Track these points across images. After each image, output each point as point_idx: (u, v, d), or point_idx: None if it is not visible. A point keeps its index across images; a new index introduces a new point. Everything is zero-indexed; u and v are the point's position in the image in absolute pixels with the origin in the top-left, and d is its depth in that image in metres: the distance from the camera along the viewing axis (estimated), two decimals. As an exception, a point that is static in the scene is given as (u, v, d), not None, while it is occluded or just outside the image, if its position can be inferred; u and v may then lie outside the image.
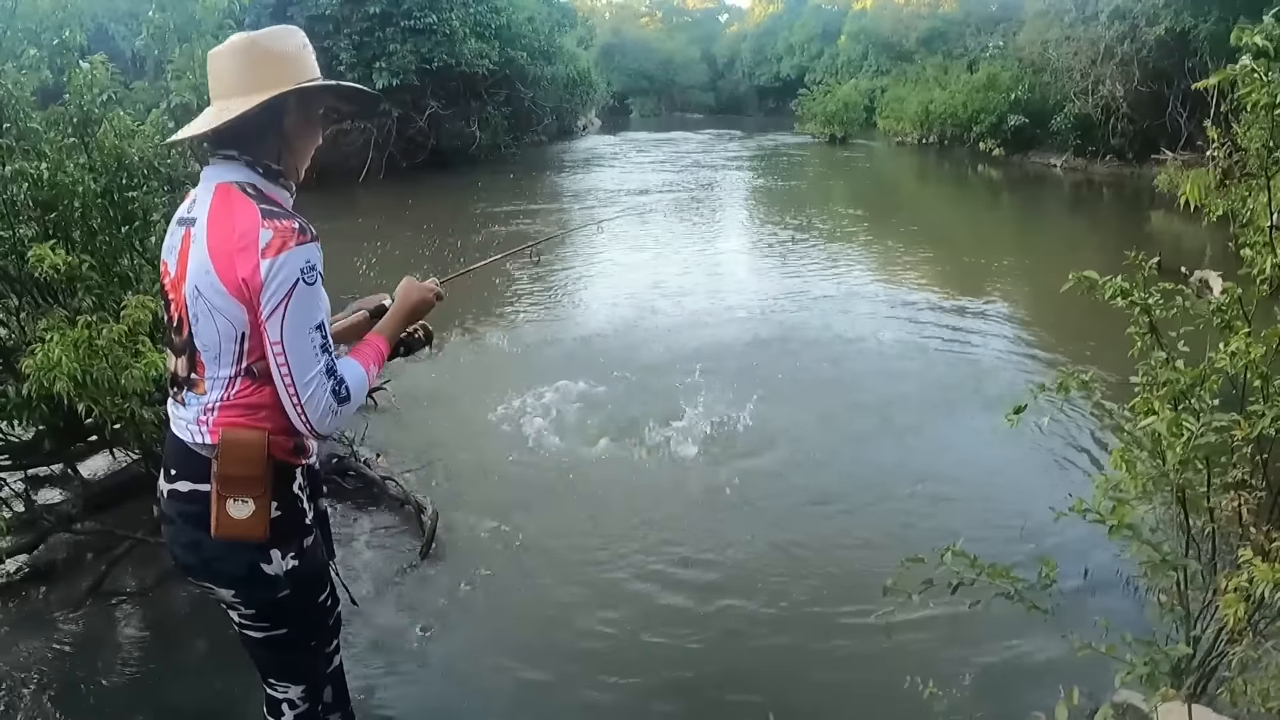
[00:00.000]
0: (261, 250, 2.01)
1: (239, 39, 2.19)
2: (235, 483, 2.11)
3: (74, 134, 4.48)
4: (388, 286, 2.60)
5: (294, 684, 2.51)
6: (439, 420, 6.84)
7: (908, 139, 28.09)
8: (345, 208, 18.80)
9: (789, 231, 14.63)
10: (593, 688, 3.77)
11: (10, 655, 4.20)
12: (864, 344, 8.59)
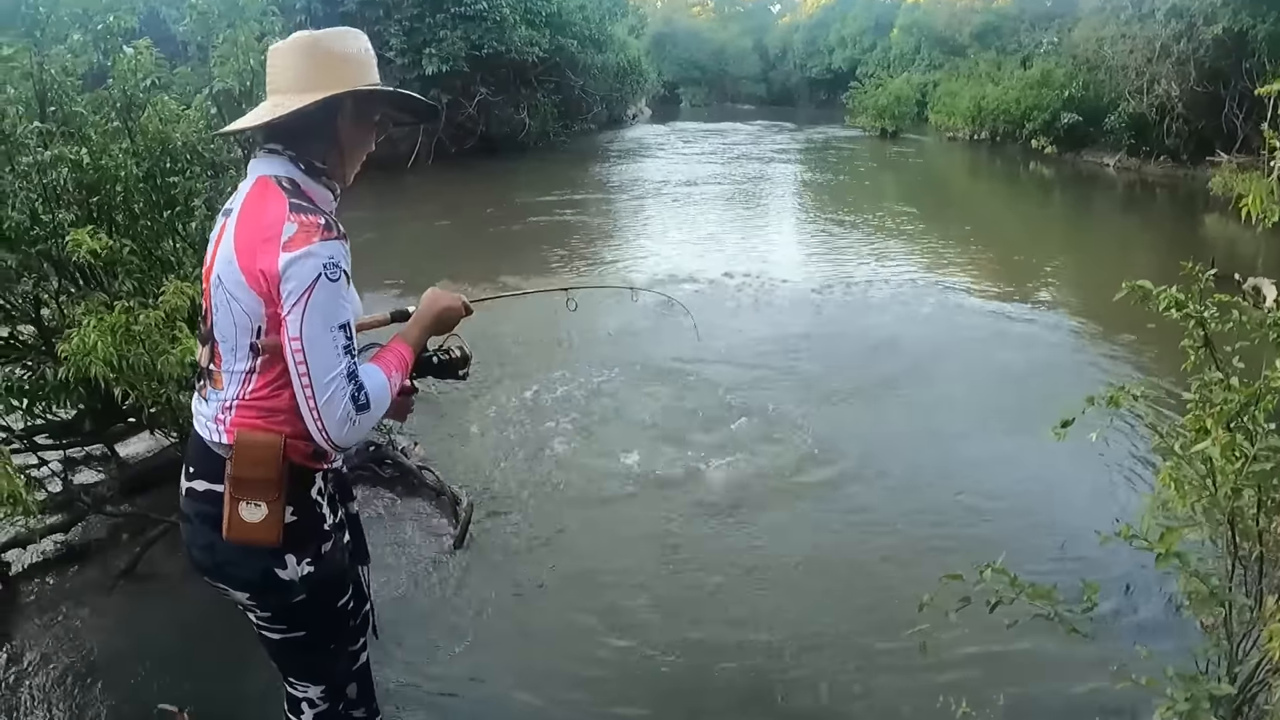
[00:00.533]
0: (284, 244, 1.96)
1: (302, 37, 2.17)
2: (248, 485, 2.07)
3: (117, 118, 4.49)
4: (424, 275, 2.55)
5: (313, 684, 2.50)
6: (479, 409, 6.81)
7: (959, 135, 27.72)
8: (393, 194, 18.86)
9: (837, 227, 14.51)
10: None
11: (42, 634, 4.28)
12: (910, 344, 8.43)
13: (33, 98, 4.16)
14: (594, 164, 22.51)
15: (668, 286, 10.61)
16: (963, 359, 8.03)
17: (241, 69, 4.54)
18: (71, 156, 3.94)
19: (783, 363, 7.77)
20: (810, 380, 7.34)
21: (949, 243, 13.30)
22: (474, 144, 23.63)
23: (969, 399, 7.00)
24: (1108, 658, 2.54)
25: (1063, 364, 7.93)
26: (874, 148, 25.87)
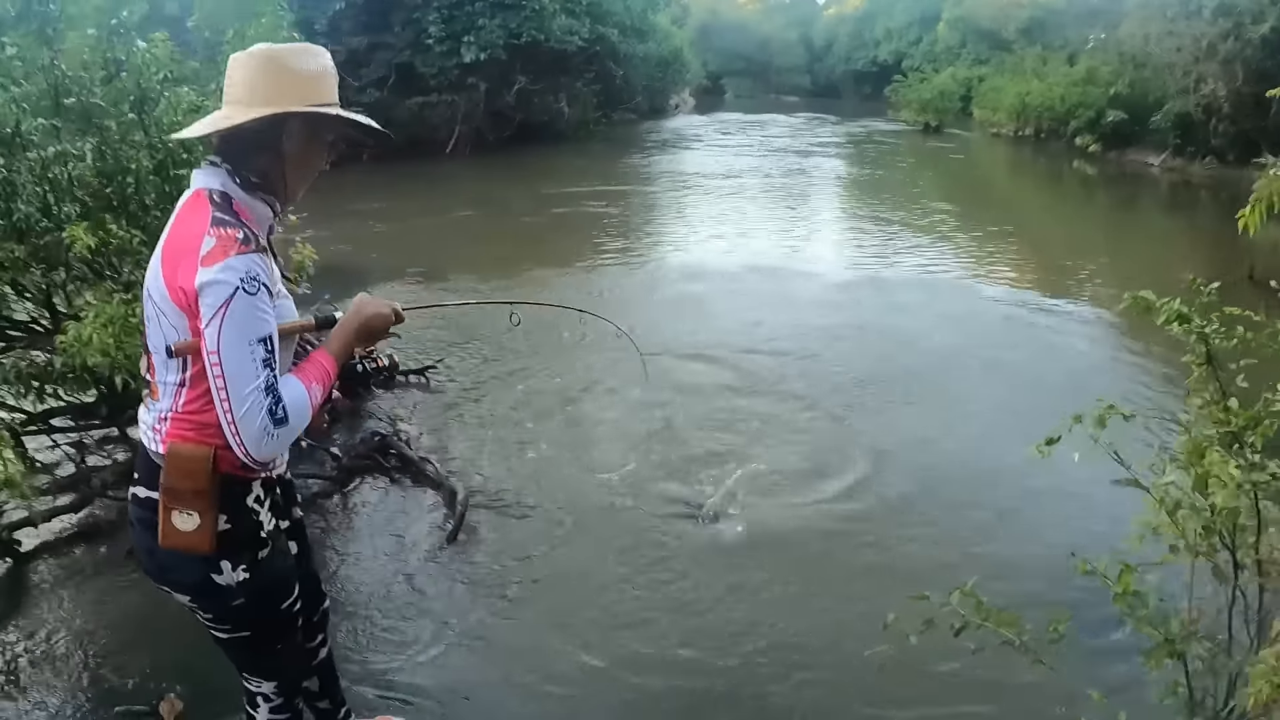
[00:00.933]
0: (202, 258, 1.97)
1: (261, 49, 2.17)
2: (180, 495, 2.10)
3: (132, 110, 4.54)
4: (446, 262, 2.53)
5: (266, 680, 2.54)
6: (491, 405, 6.82)
7: (1003, 130, 27.42)
8: (426, 180, 19.05)
9: (869, 224, 14.44)
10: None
11: (50, 611, 4.39)
12: (933, 345, 8.35)
13: (44, 92, 4.21)
14: (629, 155, 22.50)
15: (690, 281, 10.64)
16: (988, 362, 7.88)
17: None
18: (75, 152, 3.99)
19: (794, 365, 7.71)
20: (824, 381, 7.28)
21: (985, 242, 13.13)
22: (512, 132, 23.76)
23: (990, 404, 6.88)
24: (1075, 691, 2.46)
25: (1093, 370, 7.76)
26: (915, 142, 25.63)
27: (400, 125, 21.74)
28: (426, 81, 22.26)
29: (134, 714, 3.66)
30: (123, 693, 3.81)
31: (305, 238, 5.28)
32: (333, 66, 2.25)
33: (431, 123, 22.35)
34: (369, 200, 16.69)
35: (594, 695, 3.82)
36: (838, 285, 10.35)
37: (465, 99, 22.34)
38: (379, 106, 21.26)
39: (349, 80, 20.79)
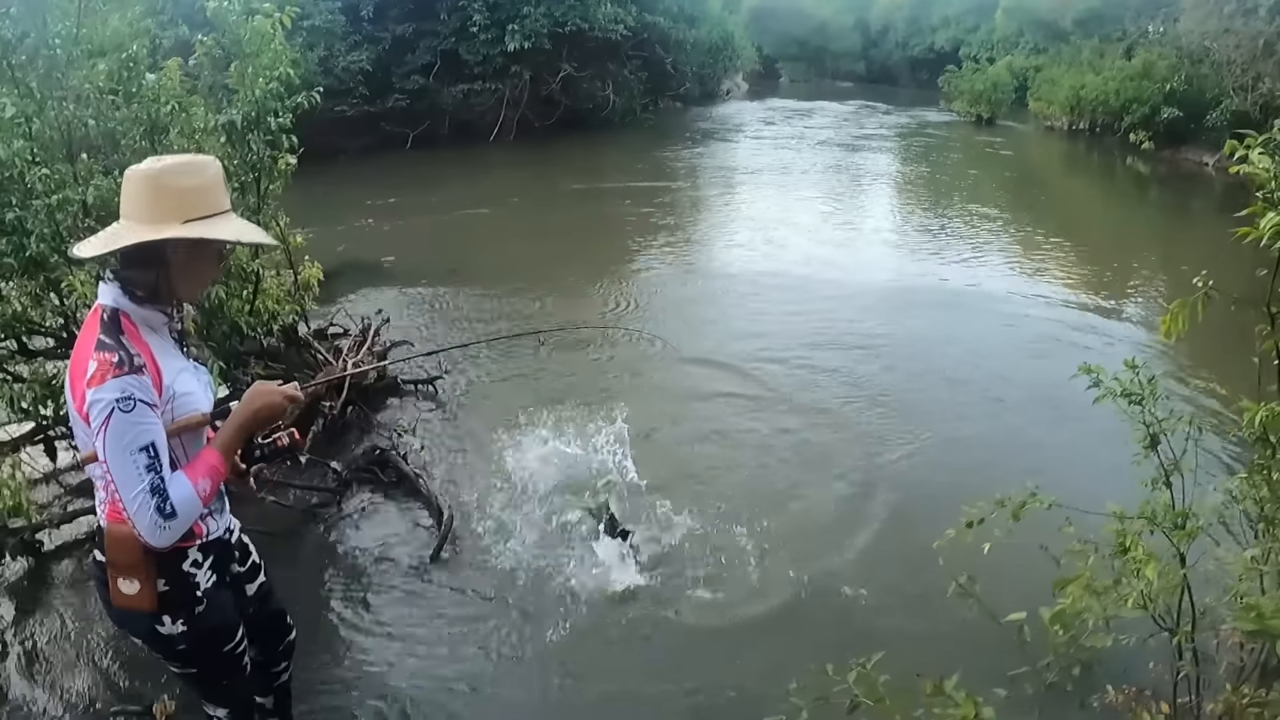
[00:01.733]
0: (87, 380, 2.24)
1: (149, 166, 2.34)
2: (120, 566, 2.43)
3: (143, 139, 4.81)
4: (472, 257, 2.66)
5: (220, 706, 2.88)
6: (493, 419, 6.95)
7: (1057, 124, 26.98)
8: (467, 168, 19.30)
9: (907, 225, 14.35)
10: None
11: (67, 607, 4.79)
12: (961, 354, 8.34)
13: (58, 140, 4.52)
14: (672, 145, 22.42)
15: (716, 280, 10.71)
16: (1019, 378, 7.71)
17: (257, 98, 4.84)
18: (78, 198, 4.27)
19: (807, 376, 7.77)
20: (843, 391, 7.34)
21: (1031, 250, 12.80)
22: (557, 118, 23.82)
23: (1014, 428, 6.80)
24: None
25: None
26: (965, 136, 25.28)
27: (445, 111, 22.04)
28: (471, 68, 22.41)
29: (130, 713, 3.99)
30: (121, 693, 4.16)
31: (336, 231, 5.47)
32: (216, 177, 2.40)
33: (476, 109, 22.58)
34: (406, 190, 16.96)
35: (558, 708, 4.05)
36: (865, 295, 10.23)
37: (509, 86, 22.52)
38: (424, 93, 21.59)
39: (393, 68, 21.04)
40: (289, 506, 5.64)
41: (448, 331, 9.06)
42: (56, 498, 5.56)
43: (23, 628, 4.64)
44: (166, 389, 2.35)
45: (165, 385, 2.35)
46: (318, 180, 13.20)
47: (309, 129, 6.12)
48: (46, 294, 4.88)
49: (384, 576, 5.04)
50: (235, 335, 5.47)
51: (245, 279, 5.45)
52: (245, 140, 5.03)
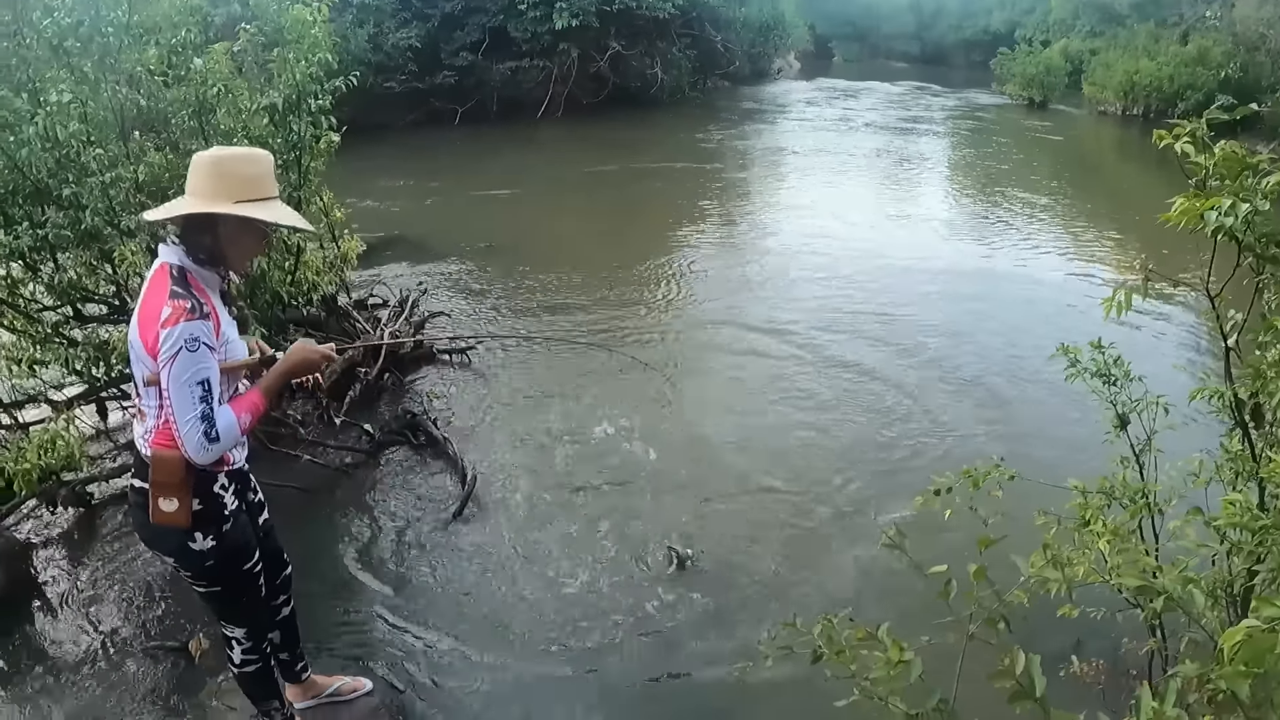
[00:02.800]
0: (161, 322, 2.62)
1: (213, 153, 2.80)
2: (163, 486, 2.80)
3: (192, 119, 5.11)
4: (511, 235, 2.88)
5: (237, 626, 3.26)
6: (524, 387, 7.32)
7: (1110, 109, 26.63)
8: (511, 146, 19.46)
9: (950, 212, 14.30)
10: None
11: (115, 556, 5.13)
12: (1018, 326, 8.48)
13: (111, 121, 4.86)
14: (719, 125, 22.44)
15: (753, 266, 10.83)
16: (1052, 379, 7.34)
17: (295, 83, 5.13)
18: (130, 176, 4.60)
19: (828, 370, 7.83)
20: (869, 390, 7.38)
21: (1076, 232, 12.82)
22: (605, 96, 24.01)
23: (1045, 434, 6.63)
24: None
25: (1185, 379, 6.89)
26: (1016, 120, 25.00)
27: (493, 88, 22.28)
28: (519, 45, 22.66)
29: (167, 648, 4.35)
30: (160, 630, 4.52)
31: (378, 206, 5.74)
32: (267, 168, 2.84)
33: (524, 86, 22.83)
34: (452, 165, 17.22)
35: (549, 667, 4.30)
36: (904, 286, 10.12)
37: (557, 64, 22.75)
38: (472, 70, 21.83)
39: (442, 45, 21.28)
40: (323, 465, 5.96)
41: (485, 306, 9.35)
42: (106, 453, 5.91)
43: (70, 572, 5.02)
44: (222, 335, 2.78)
45: (222, 332, 2.78)
46: (366, 155, 13.53)
47: (358, 105, 6.42)
48: (100, 264, 5.24)
49: (408, 531, 5.36)
50: (277, 304, 5.76)
51: (287, 250, 5.75)
52: (286, 121, 5.33)
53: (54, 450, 4.36)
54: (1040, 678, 1.89)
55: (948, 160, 18.76)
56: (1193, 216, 2.45)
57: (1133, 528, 3.16)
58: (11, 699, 4.10)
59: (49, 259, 5.27)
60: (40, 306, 5.64)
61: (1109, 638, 4.01)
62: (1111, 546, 2.87)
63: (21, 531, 5.27)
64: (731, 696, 4.09)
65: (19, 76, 5.06)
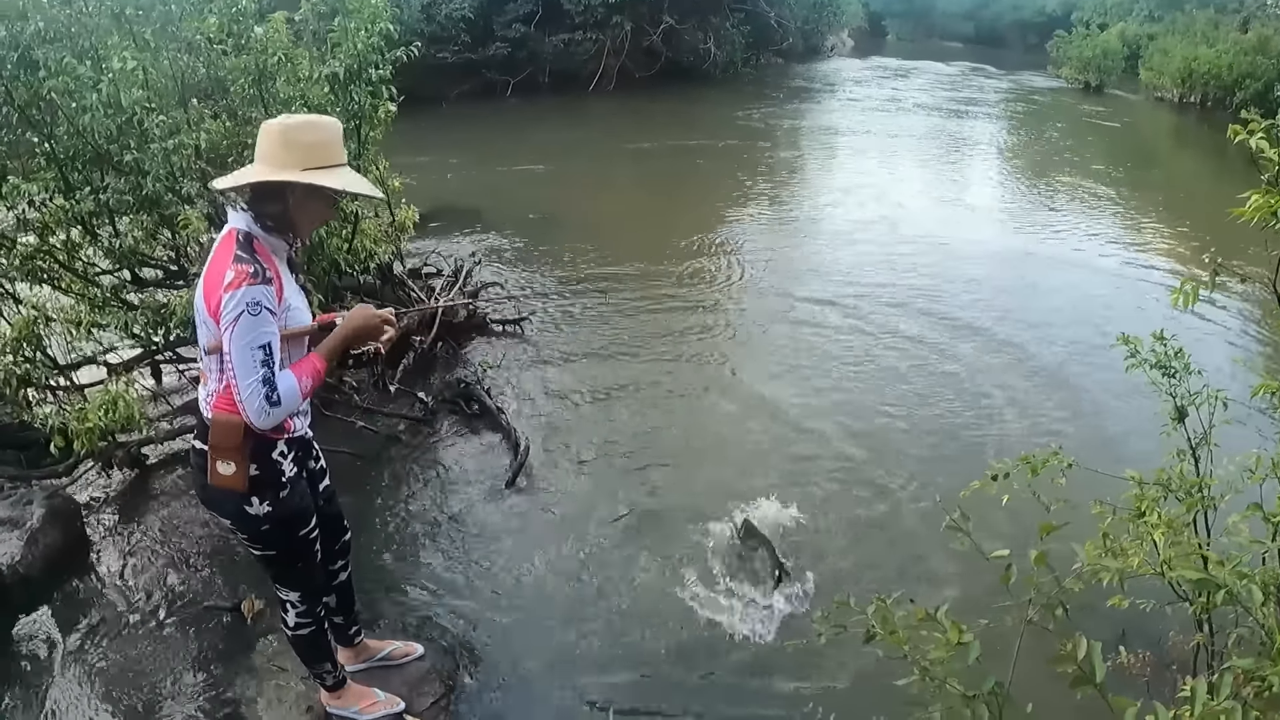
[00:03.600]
0: (225, 285, 2.65)
1: (281, 121, 2.81)
2: (221, 450, 2.83)
3: (252, 86, 5.17)
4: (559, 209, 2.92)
5: (291, 590, 3.28)
6: (574, 363, 7.38)
7: (1167, 95, 26.12)
8: (562, 119, 19.46)
9: (1008, 193, 14.18)
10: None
11: (167, 516, 5.28)
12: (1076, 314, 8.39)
13: (170, 88, 4.93)
14: (771, 102, 22.18)
15: (801, 244, 10.78)
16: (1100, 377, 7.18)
17: (357, 52, 5.17)
18: (191, 142, 4.67)
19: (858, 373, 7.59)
20: (930, 367, 7.36)
21: (1129, 220, 12.53)
22: (658, 70, 23.88)
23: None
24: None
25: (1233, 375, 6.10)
26: (1071, 104, 24.58)
27: (545, 60, 22.27)
28: (572, 18, 22.59)
29: (220, 608, 4.45)
30: (212, 590, 4.64)
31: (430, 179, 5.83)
32: (335, 136, 2.86)
33: (577, 58, 22.78)
34: (504, 136, 17.29)
35: (598, 640, 4.35)
36: (958, 270, 9.91)
37: (610, 36, 22.67)
38: (525, 41, 21.81)
39: (495, 16, 21.28)
40: (377, 431, 6.05)
41: (537, 276, 9.41)
42: (161, 415, 6.00)
43: (125, 532, 5.14)
44: (285, 301, 2.79)
45: (284, 298, 2.79)
46: (419, 126, 13.58)
47: (411, 76, 6.46)
48: (160, 230, 5.32)
49: (459, 499, 5.44)
50: (334, 271, 5.81)
51: (345, 219, 5.80)
52: (347, 90, 5.37)
53: (115, 411, 4.43)
54: (1101, 664, 1.90)
55: (1001, 144, 18.47)
56: (1265, 212, 2.42)
57: (1187, 521, 3.14)
58: (66, 656, 4.21)
59: (108, 224, 5.35)
60: (99, 270, 5.74)
61: (1156, 630, 3.99)
62: (1166, 539, 2.87)
63: (77, 492, 5.39)
64: (788, 669, 4.13)
65: (81, 44, 5.16)
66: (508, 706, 3.96)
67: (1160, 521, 2.97)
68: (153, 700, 3.93)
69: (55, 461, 5.07)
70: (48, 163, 5.13)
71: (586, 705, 3.97)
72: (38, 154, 5.15)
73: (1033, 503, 3.03)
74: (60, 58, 4.96)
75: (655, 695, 4.02)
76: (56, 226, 5.24)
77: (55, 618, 4.44)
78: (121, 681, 4.04)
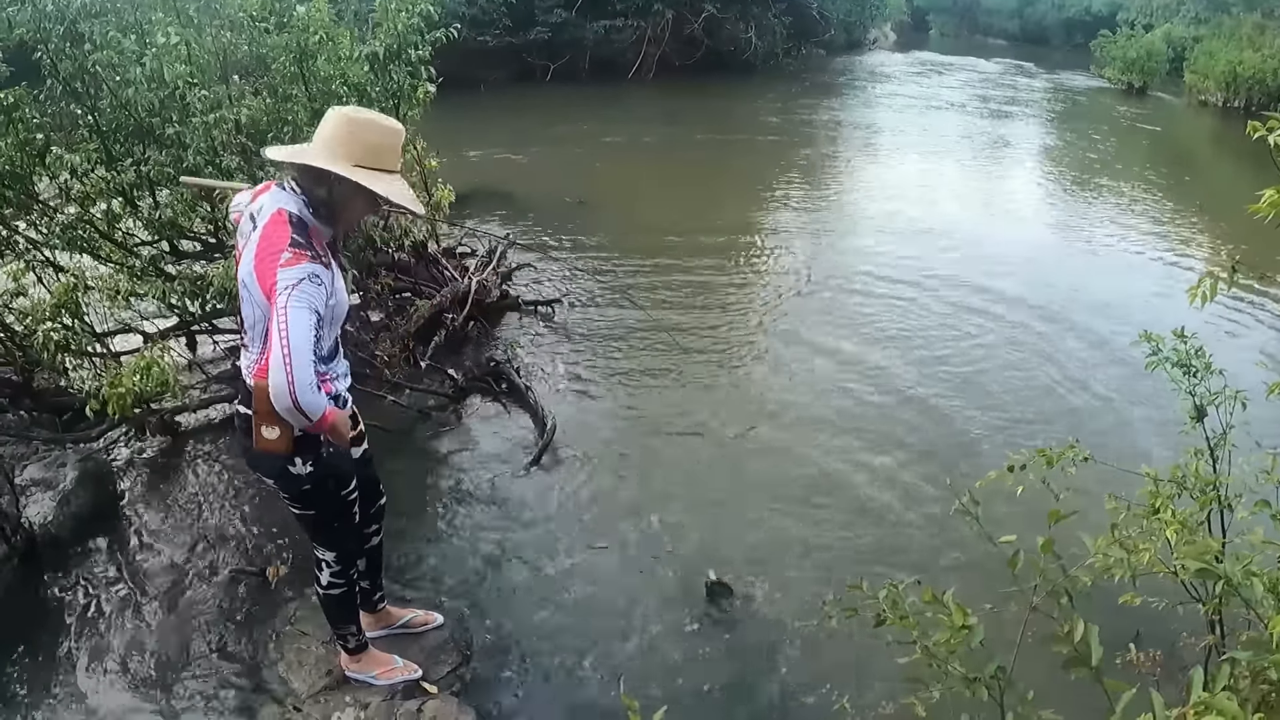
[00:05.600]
0: (283, 263, 2.72)
1: (350, 111, 2.89)
2: (266, 415, 2.86)
3: (293, 64, 5.26)
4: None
5: (328, 550, 3.41)
6: (605, 346, 7.45)
7: (1211, 99, 25.76)
8: (601, 105, 19.50)
9: (1045, 196, 14.02)
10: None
11: (201, 482, 5.41)
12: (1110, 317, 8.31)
13: (210, 64, 5.04)
14: (811, 95, 22.02)
15: (839, 235, 10.75)
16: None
17: (398, 31, 5.25)
18: (232, 117, 4.76)
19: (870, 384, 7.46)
20: (971, 352, 7.41)
21: (1167, 227, 12.18)
22: (698, 59, 23.84)
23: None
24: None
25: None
26: (1112, 105, 24.30)
27: (586, 46, 22.31)
28: (614, 4, 22.60)
29: (246, 573, 4.56)
30: (238, 556, 4.75)
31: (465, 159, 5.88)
32: (395, 141, 2.89)
33: (617, 45, 22.79)
34: (542, 121, 17.39)
35: (619, 616, 4.41)
36: (997, 269, 9.70)
37: (651, 24, 22.69)
38: (565, 27, 21.86)
39: (536, 1, 21.32)
40: (406, 407, 6.14)
41: (570, 260, 9.47)
42: (197, 384, 6.12)
43: (155, 497, 5.26)
44: (334, 286, 2.89)
45: (335, 288, 2.89)
46: (458, 108, 13.67)
47: (452, 59, 6.55)
48: (199, 203, 5.42)
49: (485, 475, 5.52)
50: (369, 248, 5.91)
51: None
52: (386, 70, 5.46)
53: (149, 377, 4.53)
54: (1097, 646, 1.94)
55: (1042, 145, 18.29)
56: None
57: (1201, 519, 3.16)
58: (93, 616, 4.31)
59: (148, 195, 5.46)
60: (138, 241, 5.85)
61: (1168, 630, 3.99)
62: (1179, 537, 2.89)
63: (111, 456, 5.51)
64: (803, 648, 4.19)
65: (126, 18, 5.27)
66: (523, 678, 4.03)
67: (1173, 519, 2.99)
68: (177, 660, 4.04)
69: (90, 426, 5.20)
70: (90, 134, 5.25)
71: (599, 678, 4.03)
72: (81, 126, 5.27)
73: (1043, 497, 3.05)
74: (105, 31, 5.09)
75: (667, 673, 4.07)
76: (98, 197, 5.34)
77: (85, 578, 4.55)
78: (147, 642, 4.14)
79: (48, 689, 3.89)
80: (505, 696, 3.93)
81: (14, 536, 4.44)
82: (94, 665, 4.02)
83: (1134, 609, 3.07)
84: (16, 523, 4.51)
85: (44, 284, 5.45)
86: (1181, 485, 3.21)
